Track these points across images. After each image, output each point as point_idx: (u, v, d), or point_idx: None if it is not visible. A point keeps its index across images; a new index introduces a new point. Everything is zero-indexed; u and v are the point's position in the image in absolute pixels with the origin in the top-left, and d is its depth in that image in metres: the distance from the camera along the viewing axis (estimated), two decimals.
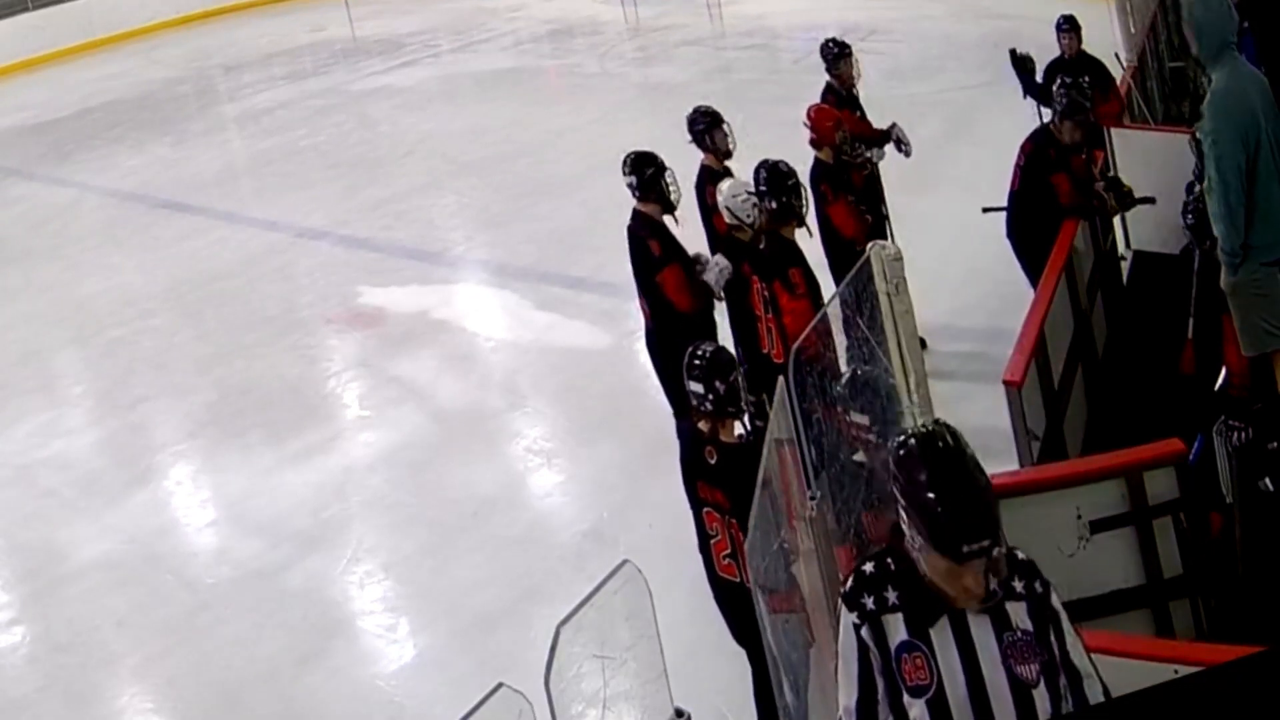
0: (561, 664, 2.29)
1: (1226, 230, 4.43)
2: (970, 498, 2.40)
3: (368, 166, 12.99)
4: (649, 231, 5.82)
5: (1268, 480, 3.99)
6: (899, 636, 2.49)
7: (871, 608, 2.50)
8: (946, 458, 2.44)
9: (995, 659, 2.45)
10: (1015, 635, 2.47)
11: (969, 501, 2.40)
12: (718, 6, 18.29)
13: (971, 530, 2.38)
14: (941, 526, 2.39)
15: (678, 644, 3.25)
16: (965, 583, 2.42)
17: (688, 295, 5.71)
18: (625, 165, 5.91)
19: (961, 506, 2.39)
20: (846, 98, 7.40)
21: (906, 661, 2.48)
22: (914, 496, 2.43)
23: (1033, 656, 2.46)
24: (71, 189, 13.88)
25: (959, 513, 2.38)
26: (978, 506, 2.40)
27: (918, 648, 2.47)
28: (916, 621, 2.48)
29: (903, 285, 4.00)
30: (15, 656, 5.94)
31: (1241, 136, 4.37)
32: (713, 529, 4.21)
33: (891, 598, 2.50)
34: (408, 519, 6.54)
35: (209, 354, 8.91)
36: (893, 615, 2.50)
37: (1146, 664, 3.04)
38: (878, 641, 2.50)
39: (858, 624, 2.52)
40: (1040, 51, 8.32)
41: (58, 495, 7.32)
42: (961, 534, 2.38)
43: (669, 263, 5.73)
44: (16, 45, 21.11)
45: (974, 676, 2.45)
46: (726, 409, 4.19)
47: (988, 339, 6.72)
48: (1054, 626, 2.52)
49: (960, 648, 2.46)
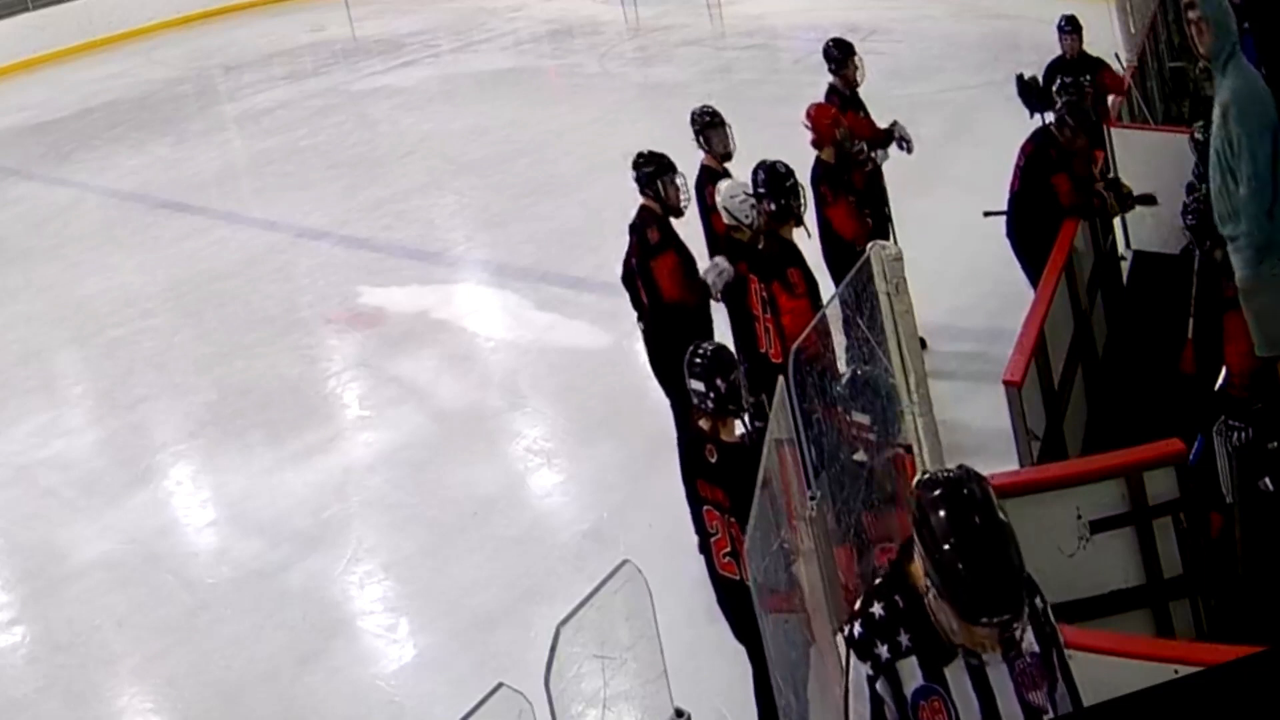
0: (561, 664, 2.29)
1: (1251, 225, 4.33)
2: (999, 569, 2.24)
3: (368, 166, 12.99)
4: (649, 222, 5.84)
5: (1268, 480, 3.99)
6: (914, 682, 2.39)
7: (886, 657, 2.40)
8: (979, 522, 2.26)
9: (1010, 692, 2.38)
10: (1025, 661, 2.38)
11: (997, 574, 2.24)
12: (718, 6, 18.29)
13: (995, 604, 2.24)
14: (962, 593, 2.24)
15: (678, 644, 3.25)
16: (979, 637, 2.30)
17: (679, 286, 5.70)
18: (635, 159, 5.94)
19: (988, 579, 2.23)
20: (850, 98, 7.39)
21: (924, 708, 2.39)
22: (937, 552, 2.26)
23: (1041, 680, 2.40)
24: (71, 189, 13.88)
25: (984, 584, 2.23)
26: (1005, 580, 2.24)
27: (935, 691, 2.38)
28: (931, 663, 2.38)
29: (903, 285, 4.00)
30: (15, 656, 5.94)
31: (1271, 130, 4.32)
32: (713, 527, 4.21)
33: (904, 641, 2.39)
34: (408, 519, 6.54)
35: (209, 354, 8.91)
36: (906, 660, 2.39)
37: (1146, 664, 3.04)
38: (894, 693, 2.40)
39: (871, 676, 2.40)
40: (1040, 52, 8.32)
41: (58, 495, 7.32)
42: (983, 606, 2.24)
43: (664, 250, 5.74)
44: (16, 45, 21.12)
45: (990, 713, 2.38)
46: (727, 407, 4.19)
47: (988, 339, 6.72)
48: (1054, 644, 2.46)
49: (976, 686, 2.38)
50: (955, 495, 2.29)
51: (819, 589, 3.38)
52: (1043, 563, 3.88)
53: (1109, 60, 8.21)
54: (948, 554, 2.24)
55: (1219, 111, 4.39)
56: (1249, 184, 4.32)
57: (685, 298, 5.71)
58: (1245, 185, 4.32)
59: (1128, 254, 7.24)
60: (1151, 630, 3.96)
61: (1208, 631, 3.99)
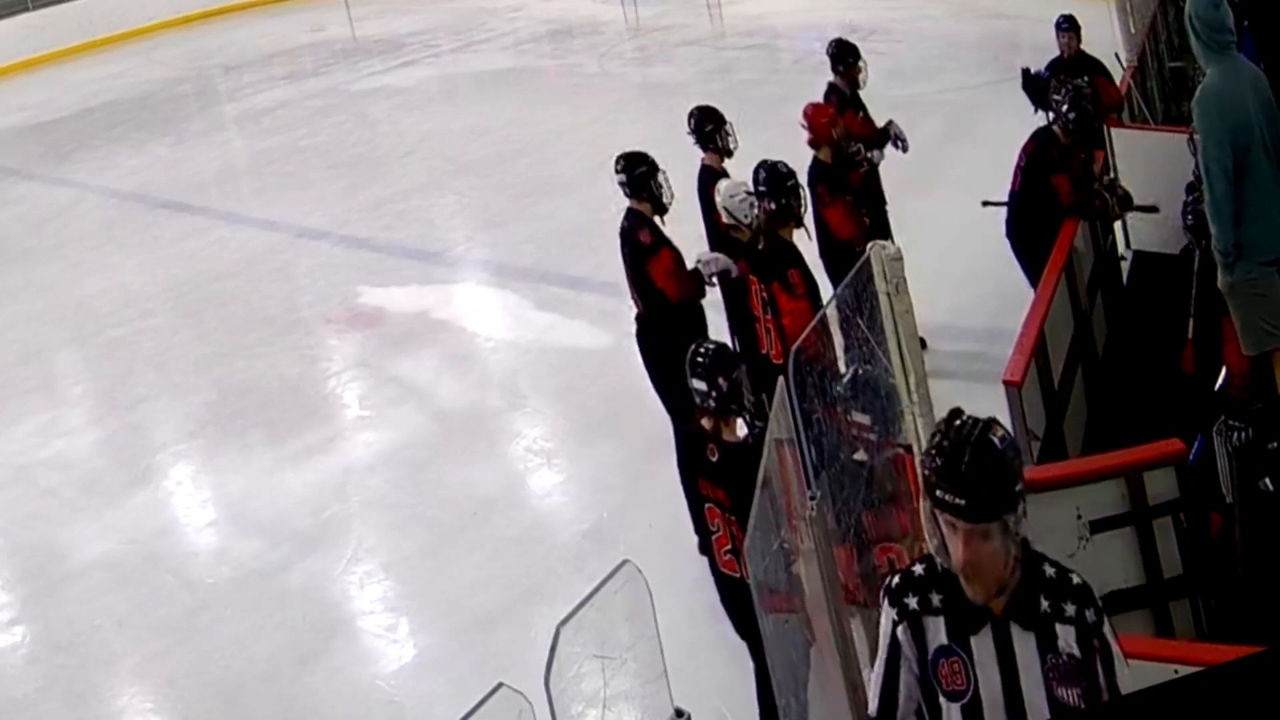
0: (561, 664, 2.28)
1: (1218, 230, 4.45)
2: (972, 456, 2.34)
3: (368, 166, 12.99)
4: (638, 225, 5.83)
5: (1268, 480, 3.99)
6: (938, 640, 2.49)
7: (914, 607, 2.51)
8: (968, 425, 2.40)
9: (1038, 679, 2.42)
10: (1061, 659, 2.42)
11: (968, 458, 2.34)
12: (718, 6, 18.29)
13: (955, 481, 2.34)
14: (930, 465, 2.37)
15: (678, 644, 3.25)
16: (957, 551, 2.37)
17: (676, 282, 5.70)
18: (617, 164, 5.91)
19: (956, 456, 2.35)
20: (850, 98, 7.39)
21: (944, 666, 2.48)
22: (929, 447, 2.41)
23: (1077, 681, 2.42)
24: (71, 189, 13.89)
25: (950, 460, 2.35)
26: (975, 465, 2.34)
27: (956, 653, 2.47)
28: (958, 627, 2.47)
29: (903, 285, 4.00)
30: (15, 656, 5.95)
31: (1230, 137, 4.37)
32: (714, 525, 4.22)
33: (935, 600, 2.50)
34: (408, 519, 6.54)
35: (209, 354, 8.91)
36: (934, 618, 2.50)
37: (1146, 664, 3.03)
38: (916, 645, 2.50)
39: (896, 621, 2.52)
40: (1040, 52, 8.32)
41: (58, 495, 7.32)
42: (943, 477, 2.35)
43: (658, 249, 5.73)
44: (16, 45, 21.13)
45: (1012, 691, 2.44)
46: (729, 406, 4.19)
47: (988, 339, 6.72)
48: (1103, 657, 2.46)
49: (1001, 660, 2.44)
50: (959, 414, 2.45)
51: (819, 589, 3.37)
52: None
53: (1109, 60, 8.20)
54: (933, 442, 2.41)
55: None
56: (1209, 190, 4.39)
57: (684, 293, 5.71)
58: (1208, 191, 4.38)
59: (1128, 254, 7.24)
60: (1151, 630, 3.96)
61: (1208, 631, 3.99)
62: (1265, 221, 4.42)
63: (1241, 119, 4.38)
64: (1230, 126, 4.37)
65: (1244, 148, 4.38)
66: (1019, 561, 2.43)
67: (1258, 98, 4.46)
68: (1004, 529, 2.37)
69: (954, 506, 2.34)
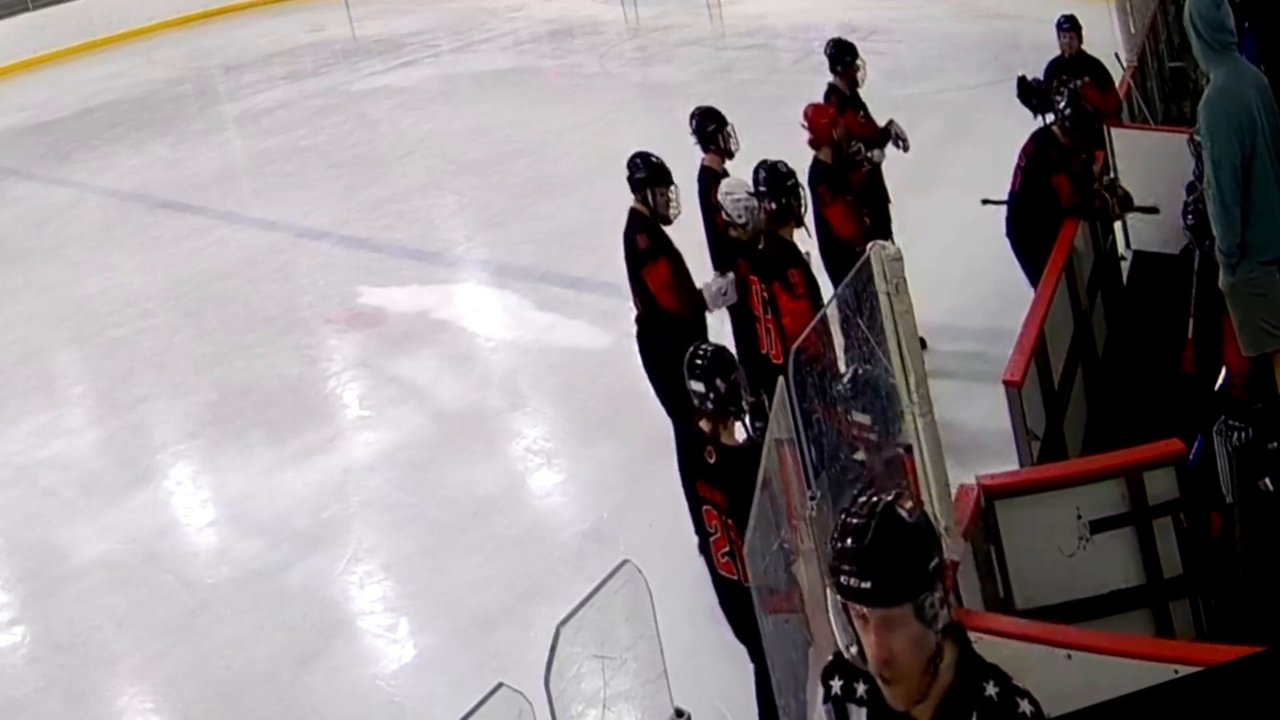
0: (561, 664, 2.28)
1: (1223, 230, 4.45)
2: (877, 530, 2.11)
3: (368, 166, 12.99)
4: (638, 227, 5.82)
5: (1268, 480, 3.99)
6: None
7: (837, 693, 2.33)
8: (870, 501, 2.17)
9: None
10: None
11: (872, 533, 2.11)
12: (718, 6, 18.29)
13: (859, 561, 2.10)
14: (833, 549, 2.14)
15: (678, 644, 3.25)
16: (870, 649, 2.12)
17: (672, 294, 5.69)
18: (632, 160, 5.90)
19: (860, 533, 2.11)
20: (850, 98, 7.40)
21: None
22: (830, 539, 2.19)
23: None
24: (71, 189, 13.89)
25: (854, 538, 2.12)
26: (879, 540, 2.10)
27: None
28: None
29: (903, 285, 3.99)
30: (15, 656, 5.95)
31: (1238, 136, 4.38)
32: (712, 526, 4.22)
33: (860, 690, 2.29)
34: (408, 519, 6.54)
35: (209, 354, 8.91)
36: (858, 708, 2.30)
37: (1146, 664, 3.03)
38: None
39: (823, 699, 2.37)
40: (1040, 52, 8.32)
41: (58, 495, 7.32)
42: (846, 558, 2.11)
43: (655, 257, 5.72)
44: (16, 45, 21.13)
45: None
46: (728, 408, 4.19)
47: (988, 339, 6.72)
48: None
49: None
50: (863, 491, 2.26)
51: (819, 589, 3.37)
52: (1043, 563, 3.89)
53: (1109, 60, 8.20)
54: (836, 524, 2.19)
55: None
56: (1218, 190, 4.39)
57: (679, 308, 5.69)
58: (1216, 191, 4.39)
59: (1128, 254, 7.24)
60: (1151, 630, 3.96)
61: (1208, 631, 3.99)
62: (1268, 221, 4.43)
63: (1246, 119, 4.39)
64: (1238, 126, 4.37)
65: (1248, 147, 4.39)
66: (951, 664, 2.17)
67: (1260, 98, 4.47)
68: (918, 613, 2.09)
69: (860, 592, 2.09)
